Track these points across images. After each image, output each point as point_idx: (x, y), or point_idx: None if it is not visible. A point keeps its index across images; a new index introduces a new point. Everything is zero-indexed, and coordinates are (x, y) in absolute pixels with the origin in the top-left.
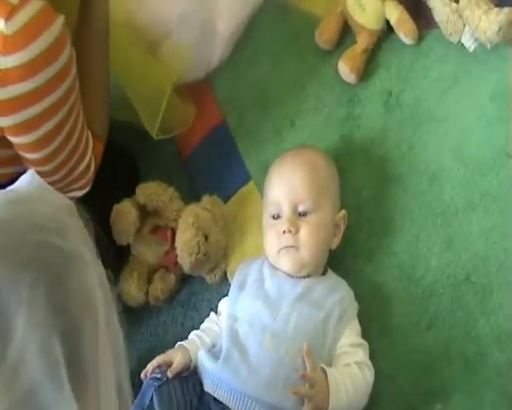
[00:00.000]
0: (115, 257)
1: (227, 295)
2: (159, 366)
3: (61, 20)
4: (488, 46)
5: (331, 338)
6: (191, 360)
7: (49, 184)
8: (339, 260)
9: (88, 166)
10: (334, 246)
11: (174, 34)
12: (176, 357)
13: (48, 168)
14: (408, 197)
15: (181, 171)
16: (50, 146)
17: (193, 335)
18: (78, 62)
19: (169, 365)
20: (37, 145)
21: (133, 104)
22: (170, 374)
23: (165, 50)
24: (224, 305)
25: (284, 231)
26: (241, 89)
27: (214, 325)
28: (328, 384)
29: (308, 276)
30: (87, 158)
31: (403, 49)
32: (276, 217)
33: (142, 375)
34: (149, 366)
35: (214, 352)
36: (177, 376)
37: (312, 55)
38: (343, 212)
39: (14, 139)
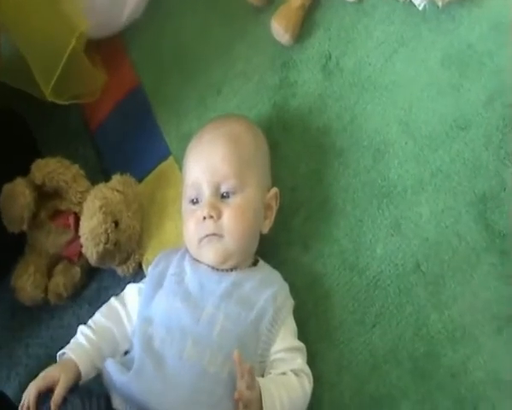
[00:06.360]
0: (6, 248)
1: None
2: (38, 395)
3: None
4: (439, 4)
5: (264, 342)
6: (81, 375)
7: None
8: (271, 248)
9: None
10: (265, 230)
11: None
12: (58, 376)
13: None
14: (350, 175)
15: (87, 144)
16: None
17: (82, 338)
18: None
19: (52, 388)
20: None
21: (26, 59)
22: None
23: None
24: (132, 295)
25: (204, 217)
26: (159, 48)
27: (115, 324)
28: (261, 399)
29: (235, 268)
30: None
31: (344, 7)
32: (196, 201)
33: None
34: (26, 399)
35: (124, 361)
36: (78, 392)
37: (242, 13)
38: (274, 189)
39: None
